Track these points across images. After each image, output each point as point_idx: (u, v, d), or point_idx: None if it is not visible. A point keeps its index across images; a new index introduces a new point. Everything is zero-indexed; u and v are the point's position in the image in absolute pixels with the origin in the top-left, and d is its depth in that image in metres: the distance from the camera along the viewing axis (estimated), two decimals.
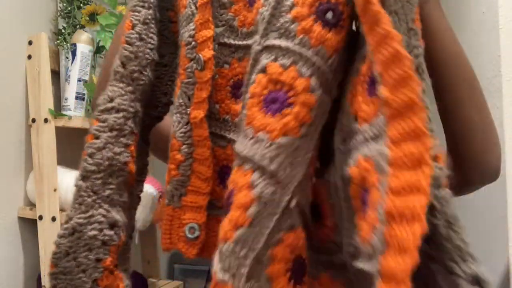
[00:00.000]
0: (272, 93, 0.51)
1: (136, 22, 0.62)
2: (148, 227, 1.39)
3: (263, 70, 0.52)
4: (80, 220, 0.59)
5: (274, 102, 0.51)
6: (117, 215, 0.61)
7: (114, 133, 0.60)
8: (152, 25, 0.63)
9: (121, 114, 0.61)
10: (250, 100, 0.53)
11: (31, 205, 1.27)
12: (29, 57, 1.26)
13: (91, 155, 0.59)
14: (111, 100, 0.61)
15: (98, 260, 0.58)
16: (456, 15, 1.40)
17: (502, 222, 0.83)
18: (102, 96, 0.61)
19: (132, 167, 0.62)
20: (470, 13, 1.18)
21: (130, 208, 0.65)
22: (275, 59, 0.52)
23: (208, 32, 0.60)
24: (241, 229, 0.50)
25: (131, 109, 0.61)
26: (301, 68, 0.51)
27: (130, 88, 0.61)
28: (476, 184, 0.65)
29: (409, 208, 0.39)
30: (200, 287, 1.95)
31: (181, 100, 0.62)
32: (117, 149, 0.60)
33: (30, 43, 1.26)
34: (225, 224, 0.51)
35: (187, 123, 0.62)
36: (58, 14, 1.39)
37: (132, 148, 0.62)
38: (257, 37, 0.54)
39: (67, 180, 1.21)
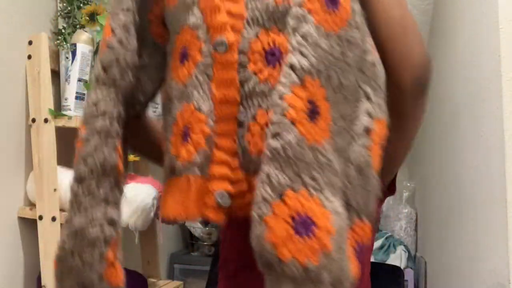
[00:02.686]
0: None
1: (116, 27, 0.65)
2: (148, 227, 1.39)
3: None
4: (82, 222, 0.62)
5: None
6: (113, 212, 0.65)
7: (102, 136, 0.64)
8: (132, 29, 0.66)
9: (107, 117, 0.64)
10: None
11: (31, 205, 1.27)
12: (29, 57, 1.26)
13: (84, 160, 0.63)
14: (96, 104, 0.64)
15: (102, 255, 0.62)
16: (456, 15, 1.40)
17: (502, 221, 0.83)
18: (87, 102, 0.65)
19: (121, 166, 0.66)
20: (470, 13, 1.18)
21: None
22: None
23: (223, 17, 0.63)
24: None
25: (115, 112, 0.65)
26: None
27: (112, 90, 0.65)
28: (407, 79, 0.69)
29: None
30: (200, 287, 1.95)
31: (200, 78, 0.64)
32: (106, 151, 0.64)
33: (30, 43, 1.26)
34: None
35: (209, 100, 0.63)
36: (58, 14, 1.39)
37: (119, 148, 0.65)
38: None
39: (67, 180, 1.19)
